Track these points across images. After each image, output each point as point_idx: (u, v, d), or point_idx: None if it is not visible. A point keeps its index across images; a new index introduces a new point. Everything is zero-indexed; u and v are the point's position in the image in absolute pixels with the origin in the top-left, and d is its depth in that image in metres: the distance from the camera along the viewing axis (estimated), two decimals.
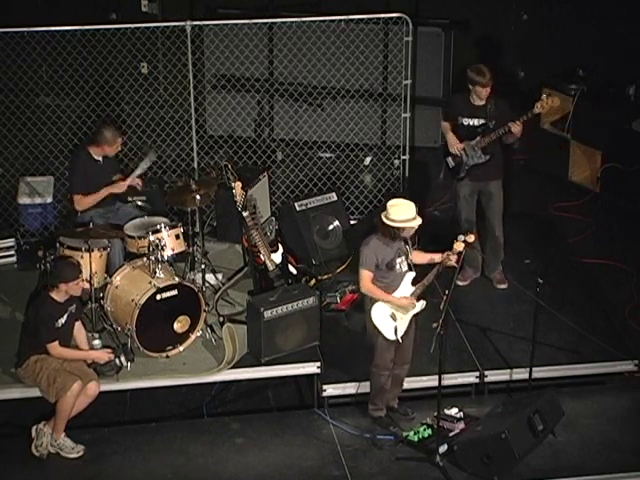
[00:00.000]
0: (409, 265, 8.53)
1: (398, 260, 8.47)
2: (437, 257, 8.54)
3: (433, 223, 10.97)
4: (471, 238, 8.44)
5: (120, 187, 9.84)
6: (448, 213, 11.32)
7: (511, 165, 11.00)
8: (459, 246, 8.36)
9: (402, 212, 8.31)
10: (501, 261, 10.25)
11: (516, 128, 9.46)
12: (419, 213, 8.46)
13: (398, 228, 8.30)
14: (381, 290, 8.45)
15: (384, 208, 8.42)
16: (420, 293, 8.52)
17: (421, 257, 8.63)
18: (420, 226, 8.43)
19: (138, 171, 9.90)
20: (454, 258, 8.38)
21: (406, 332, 8.60)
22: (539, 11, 12.84)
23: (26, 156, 11.49)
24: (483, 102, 9.63)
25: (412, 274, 8.55)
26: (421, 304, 8.56)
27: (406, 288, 8.53)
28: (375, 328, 8.53)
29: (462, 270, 9.99)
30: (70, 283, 8.49)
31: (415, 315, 8.60)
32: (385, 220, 8.32)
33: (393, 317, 8.52)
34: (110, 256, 9.55)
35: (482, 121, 9.66)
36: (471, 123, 9.70)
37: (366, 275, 8.45)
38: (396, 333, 8.51)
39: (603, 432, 8.74)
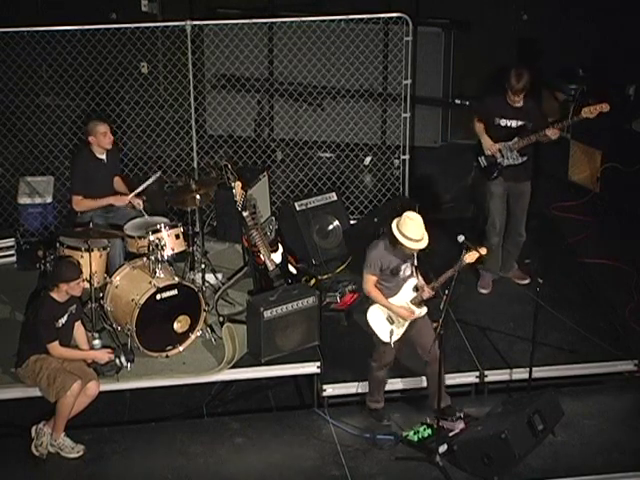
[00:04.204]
0: (413, 271, 8.53)
1: (403, 266, 8.46)
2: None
3: (434, 224, 10.99)
4: (483, 251, 8.44)
5: (121, 200, 9.85)
6: (449, 214, 11.35)
7: None
8: (471, 258, 8.34)
9: (411, 230, 8.26)
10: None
11: (554, 134, 9.48)
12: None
13: (399, 242, 8.30)
14: (382, 295, 8.46)
15: (399, 215, 8.39)
16: (422, 300, 8.50)
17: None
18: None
19: (140, 188, 9.90)
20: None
21: (421, 332, 8.54)
22: (539, 11, 12.84)
23: (26, 156, 11.49)
24: (521, 103, 9.58)
25: (414, 280, 8.54)
26: (422, 310, 8.54)
27: (406, 293, 8.52)
28: (370, 328, 8.55)
29: (480, 278, 10.04)
30: (71, 283, 8.48)
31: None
32: (394, 229, 8.31)
33: (390, 320, 8.51)
34: (110, 256, 9.55)
35: (520, 122, 9.60)
36: (509, 124, 9.63)
37: (370, 279, 8.46)
38: (391, 337, 8.51)
39: (603, 432, 8.74)
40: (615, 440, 8.64)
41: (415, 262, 8.51)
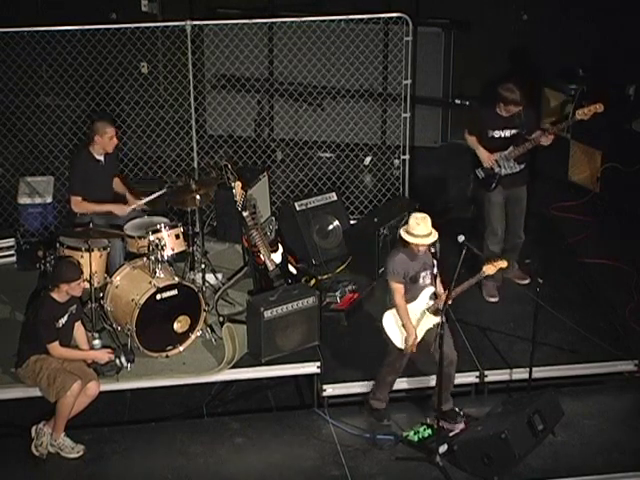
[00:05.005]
0: (432, 279, 8.52)
1: (422, 274, 8.47)
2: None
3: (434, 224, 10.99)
4: (504, 264, 8.44)
5: (122, 210, 9.82)
6: (449, 214, 11.33)
7: None
8: (490, 270, 8.34)
9: (416, 227, 8.28)
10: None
11: (547, 140, 9.49)
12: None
13: (406, 241, 8.30)
14: (407, 311, 8.43)
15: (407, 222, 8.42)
16: (438, 308, 8.46)
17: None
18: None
19: (143, 201, 9.89)
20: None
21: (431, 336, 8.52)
22: (539, 11, 12.84)
23: (26, 156, 11.50)
24: (512, 112, 9.53)
25: (431, 289, 8.52)
26: (437, 319, 8.51)
27: (422, 301, 8.52)
28: (385, 332, 8.53)
29: (484, 287, 10.01)
30: (71, 283, 8.48)
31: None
32: (401, 230, 8.33)
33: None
34: (110, 256, 9.55)
35: (514, 131, 9.58)
36: (502, 135, 9.61)
37: (397, 288, 8.41)
38: (405, 343, 8.49)
39: (603, 432, 8.74)
40: (615, 440, 8.64)
41: (435, 270, 8.48)
